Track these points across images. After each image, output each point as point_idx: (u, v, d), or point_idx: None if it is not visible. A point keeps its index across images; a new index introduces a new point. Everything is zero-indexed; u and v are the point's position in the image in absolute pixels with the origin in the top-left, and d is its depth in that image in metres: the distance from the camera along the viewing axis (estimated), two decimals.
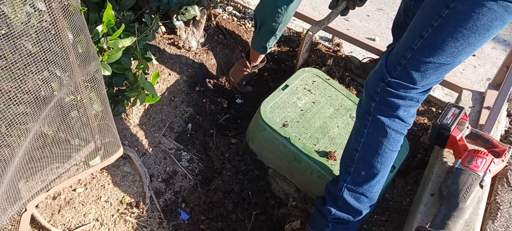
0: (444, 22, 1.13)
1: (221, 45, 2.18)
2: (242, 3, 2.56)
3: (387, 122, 1.29)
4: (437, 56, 1.17)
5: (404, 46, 1.22)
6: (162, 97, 1.86)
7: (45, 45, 0.97)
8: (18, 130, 1.03)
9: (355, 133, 1.38)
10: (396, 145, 1.33)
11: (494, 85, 1.94)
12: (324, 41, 2.41)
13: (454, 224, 1.33)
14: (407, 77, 1.23)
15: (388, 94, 1.26)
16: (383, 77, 1.26)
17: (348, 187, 1.38)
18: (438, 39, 1.15)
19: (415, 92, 1.25)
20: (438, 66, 1.19)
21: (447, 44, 1.14)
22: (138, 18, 1.66)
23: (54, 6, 0.95)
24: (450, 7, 1.11)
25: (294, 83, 1.87)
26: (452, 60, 1.18)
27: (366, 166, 1.35)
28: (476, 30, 1.11)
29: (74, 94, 1.19)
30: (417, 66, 1.20)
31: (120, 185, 1.58)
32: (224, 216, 1.61)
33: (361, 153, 1.35)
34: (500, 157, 1.54)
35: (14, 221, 1.34)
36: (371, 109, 1.30)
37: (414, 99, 1.27)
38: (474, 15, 1.09)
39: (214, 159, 1.76)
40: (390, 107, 1.28)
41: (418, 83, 1.23)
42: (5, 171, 1.06)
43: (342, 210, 1.41)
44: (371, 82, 1.31)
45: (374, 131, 1.31)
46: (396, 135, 1.31)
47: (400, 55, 1.23)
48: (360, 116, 1.35)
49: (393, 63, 1.25)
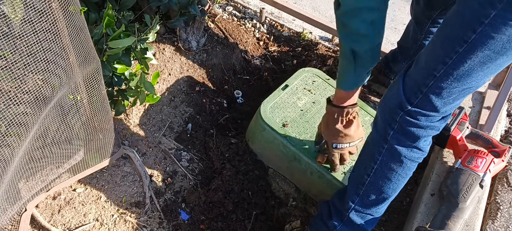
0: (470, 48, 1.03)
1: (221, 45, 2.18)
2: (242, 3, 2.56)
3: (404, 152, 1.22)
4: (462, 82, 1.09)
5: (425, 73, 1.13)
6: (162, 97, 1.86)
7: (45, 45, 0.97)
8: (18, 130, 1.03)
9: (368, 157, 1.30)
10: (410, 172, 1.27)
11: (494, 85, 1.94)
12: (324, 41, 2.41)
13: (454, 224, 1.33)
14: (429, 105, 1.14)
15: (408, 124, 1.18)
16: (402, 105, 1.17)
17: (356, 208, 1.34)
18: (464, 66, 1.06)
19: (436, 119, 1.18)
20: (461, 91, 1.11)
21: (474, 69, 1.06)
22: (138, 18, 1.65)
23: (54, 6, 0.95)
24: (477, 31, 1.01)
25: (294, 83, 1.87)
26: (476, 84, 1.11)
27: (376, 191, 1.30)
28: (504, 52, 1.03)
29: (74, 94, 1.19)
30: (440, 93, 1.12)
31: (120, 185, 1.58)
32: (224, 216, 1.61)
33: (372, 179, 1.29)
34: (500, 157, 1.54)
35: (14, 221, 1.34)
36: (389, 137, 1.22)
37: (435, 128, 1.20)
38: (503, 38, 1.00)
39: (214, 159, 1.75)
40: (409, 138, 1.20)
41: (441, 110, 1.15)
42: (5, 171, 1.06)
43: (347, 226, 1.38)
44: (388, 109, 1.22)
45: (389, 159, 1.24)
46: (412, 164, 1.25)
47: (421, 83, 1.13)
48: (375, 142, 1.27)
49: (413, 90, 1.16)
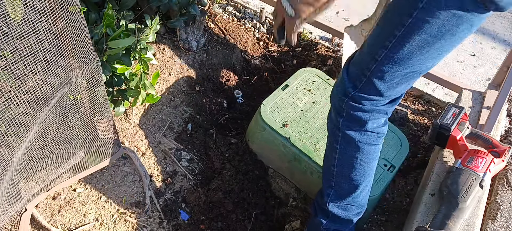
0: (408, 31, 1.05)
1: (221, 45, 2.18)
2: (242, 3, 2.56)
3: (358, 137, 1.23)
4: (403, 66, 1.10)
5: (367, 57, 1.15)
6: (162, 97, 1.86)
7: (45, 45, 0.97)
8: (18, 130, 1.03)
9: (330, 148, 1.32)
10: (371, 155, 1.28)
11: (494, 85, 1.94)
12: (324, 41, 2.41)
13: (454, 224, 1.33)
14: (373, 89, 1.15)
15: (353, 109, 1.19)
16: (347, 91, 1.19)
17: (333, 200, 1.36)
18: (403, 49, 1.08)
19: (382, 103, 1.19)
20: (404, 75, 1.13)
21: (413, 53, 1.08)
22: (138, 18, 1.65)
23: (54, 6, 0.95)
24: (413, 16, 1.03)
25: (294, 83, 1.87)
26: (419, 68, 1.12)
27: (346, 180, 1.31)
28: (441, 36, 1.05)
29: (74, 94, 1.19)
30: (382, 77, 1.13)
31: (120, 185, 1.58)
32: (224, 216, 1.61)
33: (338, 168, 1.31)
34: (500, 157, 1.54)
35: (14, 221, 1.34)
36: (340, 125, 1.24)
37: (381, 112, 1.21)
38: (438, 22, 1.02)
39: (214, 159, 1.75)
40: (356, 123, 1.21)
41: (385, 94, 1.16)
42: (5, 171, 1.06)
43: (332, 221, 1.39)
44: (335, 97, 1.24)
45: (346, 146, 1.26)
46: (370, 147, 1.26)
47: (364, 67, 1.15)
48: (331, 131, 1.30)
49: (357, 75, 1.17)
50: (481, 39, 2.71)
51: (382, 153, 1.70)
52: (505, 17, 2.89)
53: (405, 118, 2.06)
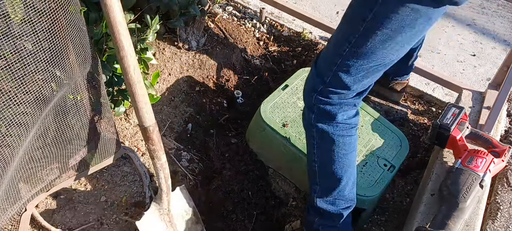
0: (369, 26, 1.09)
1: (221, 45, 2.18)
2: (242, 3, 2.56)
3: (330, 130, 1.26)
4: (367, 59, 1.13)
5: (333, 52, 1.18)
6: (162, 97, 1.86)
7: (45, 45, 0.97)
8: (18, 129, 1.03)
9: (309, 145, 1.35)
10: (349, 147, 1.30)
11: (494, 85, 1.94)
12: (324, 41, 2.41)
13: (454, 224, 1.33)
14: (339, 83, 1.19)
15: (322, 103, 1.23)
16: (315, 87, 1.23)
17: (320, 196, 1.38)
18: (366, 44, 1.11)
19: (350, 97, 1.22)
20: (369, 68, 1.16)
21: (375, 47, 1.11)
22: (138, 18, 1.65)
23: (54, 6, 0.95)
24: (373, 11, 1.07)
25: (294, 83, 1.87)
26: (382, 61, 1.15)
27: (328, 175, 1.34)
28: (401, 30, 1.08)
29: (74, 94, 1.19)
30: (348, 71, 1.16)
31: (120, 185, 1.58)
32: (224, 216, 1.61)
33: (319, 164, 1.34)
34: (500, 157, 1.54)
35: (14, 221, 1.34)
36: (312, 121, 1.28)
37: (350, 104, 1.23)
38: (397, 16, 1.05)
39: (214, 159, 1.75)
40: (326, 116, 1.25)
41: (351, 88, 1.19)
42: (5, 171, 1.06)
43: (323, 218, 1.41)
44: (306, 93, 1.28)
45: (322, 141, 1.29)
46: (345, 139, 1.28)
47: (330, 62, 1.18)
48: (306, 128, 1.33)
49: (323, 70, 1.21)
50: (481, 39, 2.71)
51: (382, 153, 1.70)
52: (505, 17, 2.89)
53: (405, 118, 2.06)
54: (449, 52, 2.58)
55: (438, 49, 2.60)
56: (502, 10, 2.95)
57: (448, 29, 2.76)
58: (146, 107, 1.20)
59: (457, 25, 2.80)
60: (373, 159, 1.68)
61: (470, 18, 2.86)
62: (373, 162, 1.67)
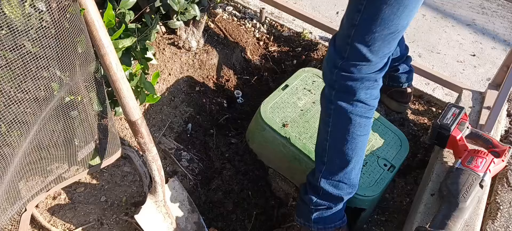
0: None
1: (221, 45, 2.18)
2: (242, 3, 2.56)
3: (350, 109, 1.28)
4: (379, 26, 1.16)
5: (346, 25, 1.22)
6: (162, 97, 1.86)
7: (45, 45, 0.97)
8: (18, 130, 1.03)
9: (323, 122, 1.38)
10: (363, 129, 1.32)
11: (494, 85, 1.94)
12: (324, 41, 2.41)
13: (454, 224, 1.33)
14: (358, 55, 1.22)
15: (344, 79, 1.25)
16: (336, 63, 1.26)
17: (325, 176, 1.39)
18: (374, 9, 1.14)
19: (370, 70, 1.24)
20: (384, 36, 1.18)
21: (384, 12, 1.13)
22: (138, 18, 1.65)
23: (54, 6, 0.95)
24: None
25: (294, 83, 1.87)
26: (395, 28, 1.17)
27: (338, 154, 1.35)
28: None
29: (74, 94, 1.19)
30: (363, 40, 1.19)
31: (120, 185, 1.58)
32: (224, 216, 1.61)
33: (331, 142, 1.35)
34: (500, 157, 1.54)
35: (14, 221, 1.34)
36: (332, 98, 1.30)
37: (371, 79, 1.26)
38: None
39: (214, 159, 1.76)
40: (348, 93, 1.27)
41: (370, 58, 1.22)
42: (5, 171, 1.06)
43: (323, 198, 1.42)
44: (327, 71, 1.31)
45: (339, 119, 1.31)
46: (361, 120, 1.30)
47: (345, 35, 1.22)
48: (324, 106, 1.35)
49: (341, 46, 1.25)
50: (481, 39, 2.71)
51: (382, 153, 1.70)
52: (505, 17, 2.89)
53: (405, 118, 2.06)
54: (449, 52, 2.59)
55: (438, 49, 2.60)
56: (502, 10, 2.95)
57: (448, 29, 2.76)
58: (131, 102, 1.22)
59: (457, 25, 2.80)
60: (373, 159, 1.68)
61: (470, 18, 2.86)
62: (373, 162, 1.67)
